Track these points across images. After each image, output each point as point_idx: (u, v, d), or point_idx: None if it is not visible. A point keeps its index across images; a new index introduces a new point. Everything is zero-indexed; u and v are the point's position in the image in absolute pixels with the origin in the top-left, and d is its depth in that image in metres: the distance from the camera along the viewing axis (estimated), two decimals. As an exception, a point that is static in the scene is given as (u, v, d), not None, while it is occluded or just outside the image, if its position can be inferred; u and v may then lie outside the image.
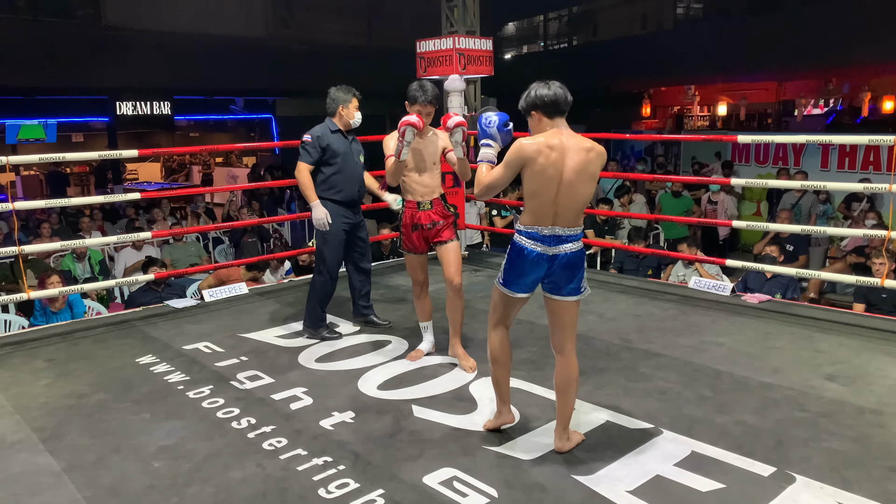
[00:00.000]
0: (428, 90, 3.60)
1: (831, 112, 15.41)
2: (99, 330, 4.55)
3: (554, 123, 2.66)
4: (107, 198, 5.53)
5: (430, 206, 3.68)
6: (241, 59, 13.15)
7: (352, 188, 4.18)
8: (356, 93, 4.20)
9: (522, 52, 20.52)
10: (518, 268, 2.70)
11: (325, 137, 4.08)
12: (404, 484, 2.57)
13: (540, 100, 2.65)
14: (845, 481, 2.52)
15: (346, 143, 4.17)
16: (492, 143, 2.80)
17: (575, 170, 2.60)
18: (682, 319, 4.47)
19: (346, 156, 4.15)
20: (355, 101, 4.18)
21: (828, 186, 4.67)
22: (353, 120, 4.17)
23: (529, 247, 2.67)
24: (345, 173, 4.14)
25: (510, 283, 2.75)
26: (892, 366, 3.61)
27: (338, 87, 4.16)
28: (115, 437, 3.01)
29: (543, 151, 2.58)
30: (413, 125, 3.40)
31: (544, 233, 2.65)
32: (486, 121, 2.81)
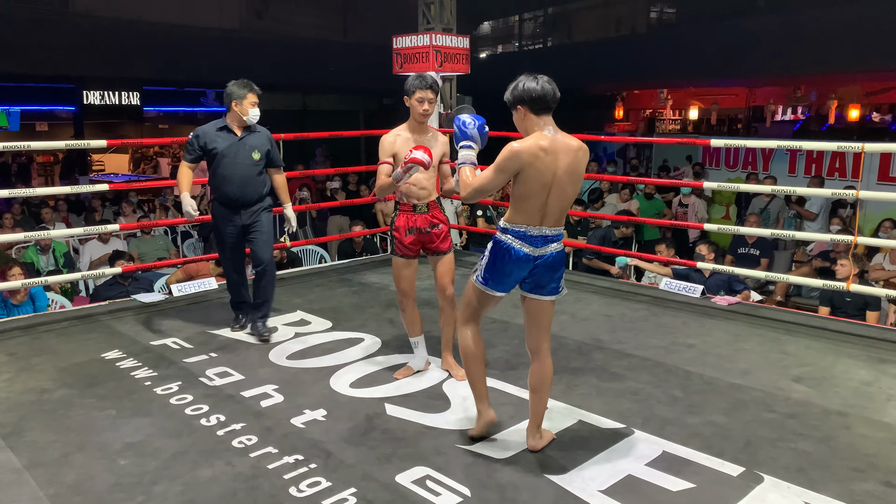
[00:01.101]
0: (427, 77, 3.43)
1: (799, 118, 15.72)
2: (63, 324, 4.44)
3: (540, 120, 2.60)
4: (74, 188, 5.40)
5: (427, 209, 3.50)
6: (212, 50, 12.96)
7: (232, 189, 3.97)
8: (254, 88, 4.01)
9: (497, 52, 20.58)
10: (502, 267, 2.65)
11: (206, 136, 3.94)
12: (377, 483, 2.55)
13: (528, 94, 2.58)
14: (811, 481, 2.56)
15: (233, 141, 3.98)
16: (472, 145, 2.73)
17: (566, 171, 2.58)
18: (653, 320, 4.51)
19: (231, 155, 3.95)
20: (251, 96, 3.97)
21: (797, 191, 4.75)
22: (247, 117, 3.96)
23: (517, 247, 2.62)
24: (227, 173, 3.95)
25: (492, 282, 2.69)
26: (856, 368, 3.68)
27: (234, 82, 3.97)
28: (80, 434, 2.94)
29: (538, 155, 2.53)
30: (422, 164, 3.10)
31: (532, 233, 2.62)
32: (462, 123, 2.74)
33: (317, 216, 9.17)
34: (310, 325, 4.41)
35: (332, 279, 5.62)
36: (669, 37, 15.18)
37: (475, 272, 2.76)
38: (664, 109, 17.87)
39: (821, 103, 15.15)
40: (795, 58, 11.79)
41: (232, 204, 4.00)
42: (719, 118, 16.54)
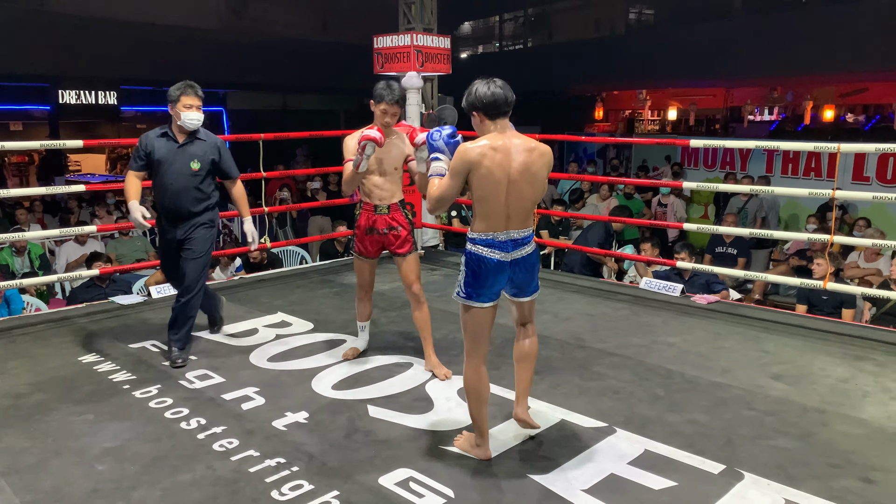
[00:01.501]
0: (395, 90, 3.48)
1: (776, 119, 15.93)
2: (39, 327, 4.37)
3: (496, 125, 2.62)
4: (49, 189, 5.31)
5: (388, 210, 3.58)
6: (191, 50, 12.83)
7: (166, 199, 3.71)
8: (193, 89, 3.67)
9: (478, 52, 20.60)
10: (481, 278, 2.63)
11: (149, 142, 3.69)
12: (360, 485, 2.53)
13: (479, 101, 2.60)
14: (791, 478, 2.59)
15: (171, 148, 3.69)
16: (440, 157, 2.71)
17: (520, 170, 2.58)
18: (634, 319, 4.54)
19: (168, 163, 3.67)
20: (187, 99, 3.64)
21: (775, 191, 4.82)
22: (181, 121, 3.65)
23: (488, 255, 2.62)
24: (163, 183, 3.70)
25: (475, 295, 2.66)
26: (833, 365, 3.73)
27: (177, 84, 3.67)
28: (56, 440, 2.89)
29: (487, 154, 2.54)
30: (374, 141, 3.25)
31: (500, 238, 2.62)
32: (430, 136, 2.75)
33: (297, 217, 9.12)
34: (291, 326, 4.38)
35: (313, 280, 5.59)
36: (648, 38, 15.30)
37: (456, 290, 2.71)
38: (643, 110, 18.01)
39: (797, 104, 15.36)
40: (772, 59, 11.93)
41: (168, 216, 3.75)
42: (697, 118, 16.71)
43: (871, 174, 8.72)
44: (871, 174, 8.72)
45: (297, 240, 7.80)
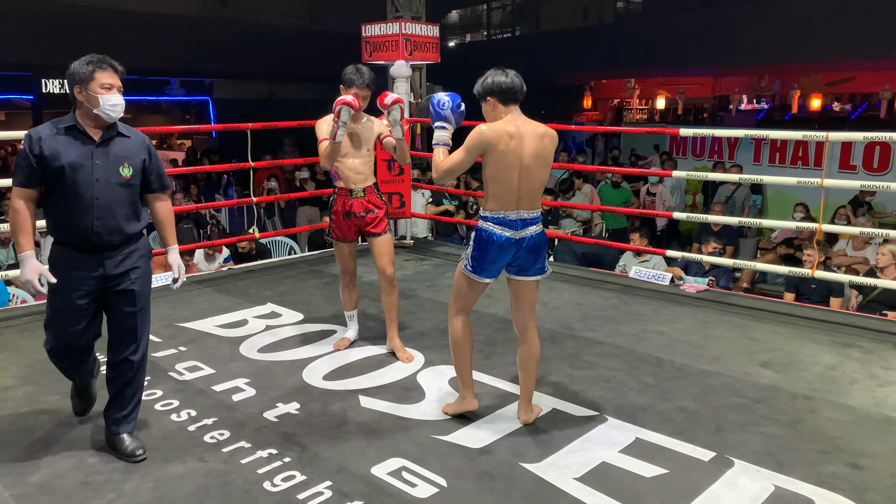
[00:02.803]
0: (364, 73, 3.55)
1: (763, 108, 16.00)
2: (25, 319, 4.32)
3: (508, 110, 2.73)
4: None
5: (363, 193, 3.64)
6: (176, 39, 12.71)
7: (86, 222, 2.55)
8: (110, 63, 2.60)
9: (466, 41, 20.54)
10: (488, 254, 2.75)
11: (43, 142, 2.51)
12: (352, 475, 2.53)
13: (497, 86, 2.71)
14: (780, 464, 2.61)
15: (84, 148, 2.56)
16: (446, 126, 2.79)
17: (532, 155, 2.69)
18: (623, 308, 4.56)
19: (83, 170, 2.53)
20: (102, 76, 2.56)
21: (764, 180, 4.84)
22: (98, 109, 2.54)
23: (498, 232, 2.72)
24: (78, 198, 2.54)
25: (480, 270, 2.79)
26: (821, 353, 3.77)
27: (84, 58, 2.59)
28: (45, 432, 2.86)
29: (503, 138, 2.64)
30: (349, 104, 3.32)
31: (511, 217, 2.72)
32: (438, 102, 2.79)
33: (286, 207, 9.07)
34: (281, 317, 4.36)
35: (302, 271, 5.57)
36: (636, 27, 15.31)
37: (462, 262, 2.84)
38: (631, 99, 18.04)
39: (784, 93, 15.44)
40: (760, 48, 11.98)
41: (85, 246, 2.59)
42: (685, 107, 16.76)
43: (858, 163, 8.79)
44: (858, 163, 8.79)
45: (285, 230, 7.76)
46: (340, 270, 3.81)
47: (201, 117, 17.33)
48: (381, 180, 6.18)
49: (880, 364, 3.60)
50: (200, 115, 17.47)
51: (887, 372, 3.50)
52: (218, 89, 16.97)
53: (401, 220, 6.53)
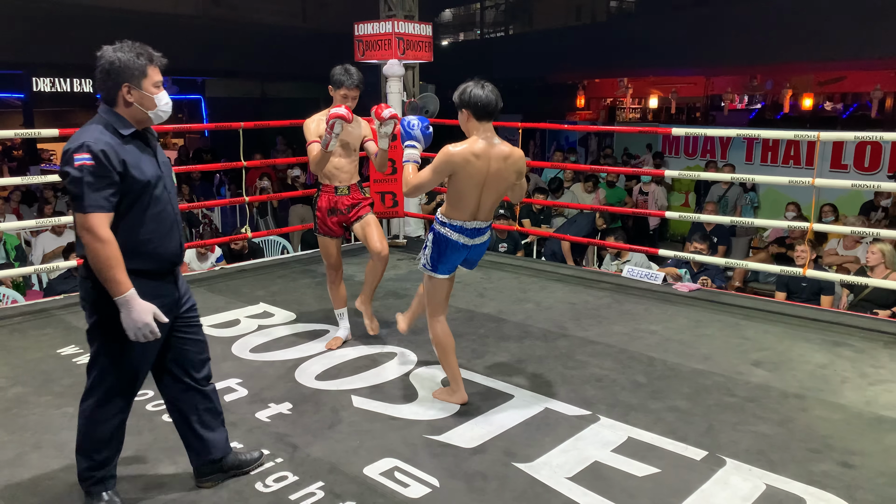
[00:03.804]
0: (354, 74, 3.60)
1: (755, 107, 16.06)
2: (15, 319, 4.30)
3: (481, 126, 2.87)
4: (24, 179, 5.22)
5: (348, 191, 3.72)
6: (168, 37, 12.57)
7: (174, 242, 2.31)
8: (155, 56, 2.24)
9: (459, 40, 20.53)
10: (445, 255, 2.99)
11: (120, 153, 2.13)
12: (344, 476, 2.53)
13: (474, 101, 2.83)
14: (771, 463, 2.62)
15: (151, 158, 2.25)
16: (416, 145, 2.97)
17: (495, 177, 2.87)
18: (616, 308, 4.56)
19: (160, 183, 2.25)
20: (154, 71, 2.22)
21: (756, 179, 4.85)
22: (155, 110, 2.22)
23: (454, 238, 2.95)
24: (162, 217, 2.25)
25: (438, 268, 3.01)
26: (812, 352, 3.78)
27: (119, 47, 2.19)
28: (35, 433, 2.85)
29: (469, 160, 2.81)
30: (342, 118, 3.35)
31: (467, 227, 2.95)
32: (408, 124, 2.98)
33: (278, 206, 9.05)
34: (273, 317, 4.35)
35: (295, 270, 5.55)
36: (629, 26, 15.34)
37: (420, 261, 3.07)
38: (624, 98, 18.07)
39: (776, 92, 15.49)
40: (752, 47, 12.01)
41: (167, 270, 2.31)
42: (678, 106, 16.80)
43: (849, 162, 8.83)
44: (849, 162, 8.83)
45: (278, 229, 7.74)
46: (326, 266, 3.85)
47: (193, 116, 17.25)
48: (373, 179, 6.17)
49: (871, 363, 3.62)
50: (192, 113, 17.39)
51: (878, 370, 3.52)
52: (210, 88, 16.90)
53: (393, 220, 6.52)
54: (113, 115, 2.19)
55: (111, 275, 2.10)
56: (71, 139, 2.14)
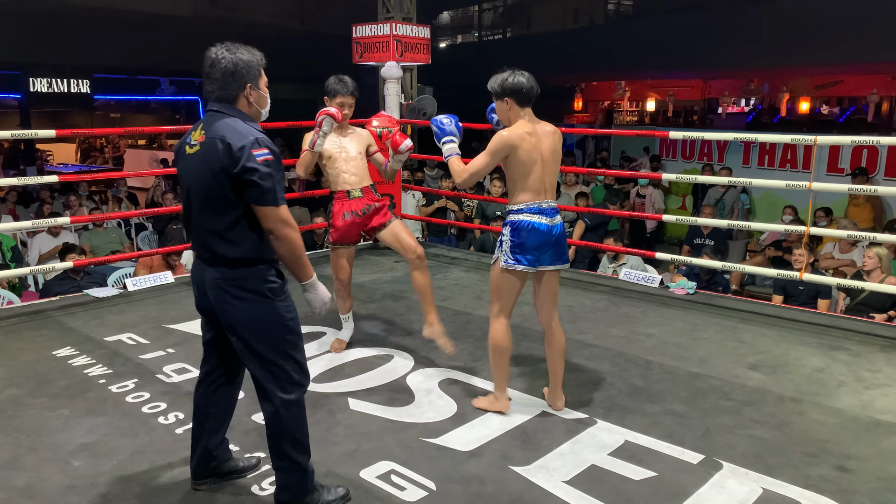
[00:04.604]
0: (348, 82, 3.62)
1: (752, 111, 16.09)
2: (11, 320, 4.28)
3: (523, 111, 2.93)
4: (21, 180, 5.21)
5: (361, 193, 3.69)
6: (166, 38, 12.64)
7: None
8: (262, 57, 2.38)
9: (457, 42, 20.54)
10: (528, 242, 2.90)
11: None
12: (340, 479, 2.52)
13: (517, 89, 2.88)
14: (768, 467, 2.62)
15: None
16: (454, 139, 3.04)
17: (549, 150, 2.94)
18: (613, 310, 4.56)
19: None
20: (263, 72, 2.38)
21: (753, 183, 4.86)
22: (266, 108, 2.37)
23: (536, 220, 2.90)
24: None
25: (522, 259, 2.91)
26: (808, 355, 3.78)
27: (233, 49, 2.26)
28: (30, 435, 2.83)
29: (525, 138, 2.86)
30: (331, 115, 3.37)
31: (544, 206, 2.93)
32: (440, 122, 3.06)
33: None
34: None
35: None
36: (627, 29, 15.36)
37: (499, 260, 2.96)
38: (622, 101, 18.10)
39: (773, 95, 15.53)
40: (749, 51, 12.04)
41: None
42: (675, 110, 16.84)
43: (846, 166, 8.84)
44: (846, 166, 8.84)
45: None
46: (335, 278, 3.77)
47: (191, 117, 17.25)
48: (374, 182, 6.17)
49: (867, 367, 3.62)
50: (190, 114, 17.38)
51: (874, 374, 3.52)
52: (208, 89, 16.90)
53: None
54: (240, 113, 2.26)
55: (304, 260, 2.25)
56: (230, 136, 2.12)
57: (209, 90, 2.24)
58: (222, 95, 2.23)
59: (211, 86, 2.23)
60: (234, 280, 2.21)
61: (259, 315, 2.22)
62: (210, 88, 2.24)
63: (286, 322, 2.27)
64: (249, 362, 2.28)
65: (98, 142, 17.65)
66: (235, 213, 2.16)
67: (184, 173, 2.27)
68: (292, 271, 2.26)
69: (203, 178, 2.16)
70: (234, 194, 2.14)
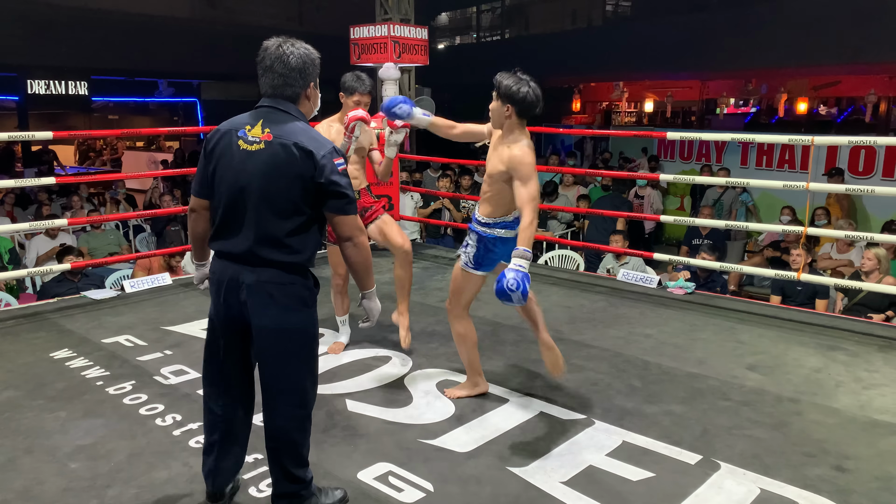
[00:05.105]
0: (365, 80, 3.61)
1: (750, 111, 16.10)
2: (8, 322, 4.28)
3: (521, 122, 2.88)
4: (19, 182, 5.20)
5: (359, 195, 3.68)
6: (164, 40, 12.64)
7: None
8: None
9: (455, 44, 20.55)
10: (492, 254, 3.01)
11: None
12: (338, 480, 2.52)
13: (524, 100, 2.81)
14: (766, 467, 2.62)
15: None
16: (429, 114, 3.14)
17: None
18: (611, 311, 4.56)
19: None
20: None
21: (751, 183, 4.86)
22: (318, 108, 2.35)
23: (504, 235, 2.97)
24: None
25: (483, 266, 3.03)
26: (806, 356, 3.78)
27: (302, 43, 2.21)
28: (28, 437, 2.83)
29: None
30: (363, 119, 3.34)
31: (510, 219, 2.97)
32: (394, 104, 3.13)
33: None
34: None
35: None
36: (625, 30, 15.37)
37: (464, 262, 3.04)
38: (620, 102, 18.11)
39: (771, 96, 15.54)
40: (747, 52, 12.05)
41: None
42: (673, 111, 16.85)
43: (844, 166, 8.85)
44: (844, 166, 8.85)
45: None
46: (332, 274, 3.80)
47: (189, 119, 17.25)
48: (370, 183, 6.17)
49: (865, 367, 3.63)
50: (188, 116, 17.39)
51: (872, 374, 3.52)
52: (206, 91, 16.90)
53: (389, 223, 6.50)
54: (300, 112, 2.21)
55: (372, 268, 2.29)
56: (307, 142, 2.08)
57: (272, 84, 2.14)
58: (287, 93, 2.16)
59: (275, 80, 2.14)
60: (283, 284, 2.15)
61: (294, 323, 2.18)
62: (274, 83, 2.14)
63: (315, 333, 2.27)
64: (271, 369, 2.20)
65: (97, 144, 17.64)
66: (300, 219, 2.12)
67: (236, 169, 2.12)
68: (360, 278, 2.26)
69: (271, 180, 2.08)
70: (307, 202, 2.10)
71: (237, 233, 2.14)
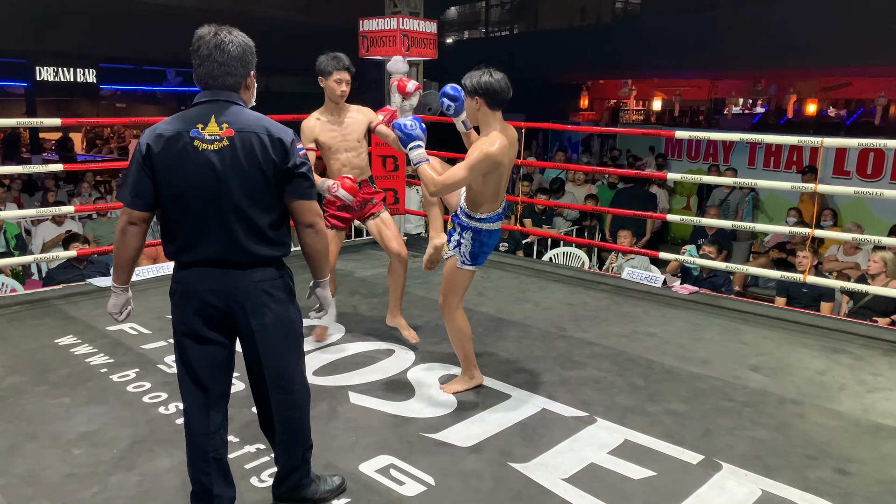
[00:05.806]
0: (342, 58, 3.50)
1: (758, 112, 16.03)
2: (14, 308, 4.29)
3: (495, 114, 2.84)
4: (27, 168, 5.21)
5: (360, 187, 3.63)
6: (173, 29, 12.58)
7: None
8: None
9: (464, 38, 20.49)
10: (486, 247, 3.05)
11: None
12: (340, 472, 2.52)
13: (488, 88, 2.78)
14: (767, 469, 2.62)
15: None
16: (421, 143, 2.84)
17: (511, 159, 2.93)
18: (615, 309, 4.55)
19: None
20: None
21: (758, 184, 4.84)
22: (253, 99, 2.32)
23: (493, 228, 3.01)
24: None
25: (478, 261, 3.07)
26: (810, 358, 3.77)
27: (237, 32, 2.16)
28: (31, 423, 2.84)
29: (505, 152, 2.81)
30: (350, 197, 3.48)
31: (499, 211, 3.00)
32: (403, 126, 2.83)
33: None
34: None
35: (294, 266, 5.53)
36: (634, 27, 15.30)
37: (456, 260, 3.05)
38: (628, 100, 18.04)
39: (780, 97, 15.47)
40: (756, 52, 11.99)
41: None
42: (682, 109, 16.77)
43: (852, 168, 8.81)
44: (852, 168, 8.81)
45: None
46: None
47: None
48: (375, 176, 6.16)
49: (869, 370, 3.61)
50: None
51: (876, 378, 3.51)
52: (213, 81, 16.88)
53: (394, 217, 6.50)
54: (243, 101, 2.15)
55: (328, 256, 2.28)
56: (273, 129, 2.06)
57: (212, 74, 2.06)
58: (229, 82, 2.08)
59: (215, 70, 2.05)
60: (274, 280, 2.14)
61: (288, 315, 2.19)
62: (215, 73, 2.05)
63: (301, 321, 2.28)
64: (275, 365, 2.18)
65: (104, 132, 17.67)
66: (278, 210, 2.10)
67: (202, 172, 2.00)
68: (319, 267, 2.23)
69: (245, 173, 2.01)
70: (280, 189, 2.08)
71: (216, 236, 2.05)
